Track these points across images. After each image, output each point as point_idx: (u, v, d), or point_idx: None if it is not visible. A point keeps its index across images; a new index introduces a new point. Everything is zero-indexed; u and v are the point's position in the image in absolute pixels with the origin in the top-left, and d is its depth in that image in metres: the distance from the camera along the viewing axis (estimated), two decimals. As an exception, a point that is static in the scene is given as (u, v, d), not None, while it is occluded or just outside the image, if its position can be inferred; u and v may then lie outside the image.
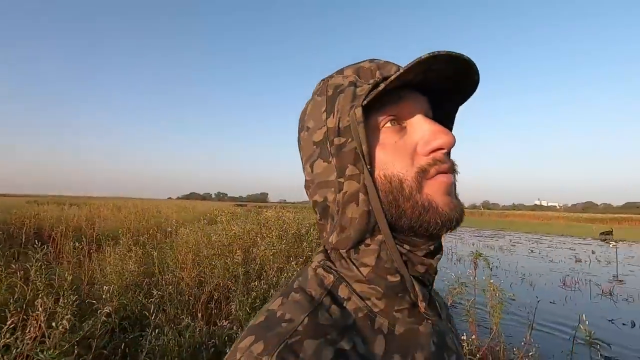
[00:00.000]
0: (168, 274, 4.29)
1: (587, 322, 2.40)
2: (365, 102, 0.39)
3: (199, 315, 3.63)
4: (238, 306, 3.58)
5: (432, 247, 0.42)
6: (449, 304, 3.93)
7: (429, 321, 0.43)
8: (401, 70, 0.36)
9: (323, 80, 0.46)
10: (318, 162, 0.43)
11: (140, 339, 2.89)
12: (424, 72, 0.38)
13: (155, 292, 3.58)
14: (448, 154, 0.40)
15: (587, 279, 8.57)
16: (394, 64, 0.43)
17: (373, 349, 0.38)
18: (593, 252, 14.02)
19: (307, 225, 6.26)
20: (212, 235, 5.17)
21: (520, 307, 5.52)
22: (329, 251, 0.45)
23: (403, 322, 0.42)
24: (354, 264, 0.42)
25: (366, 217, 0.40)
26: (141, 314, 3.52)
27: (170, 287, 3.86)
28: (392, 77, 0.37)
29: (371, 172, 0.39)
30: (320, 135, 0.43)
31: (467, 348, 2.62)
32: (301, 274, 0.46)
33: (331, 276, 0.43)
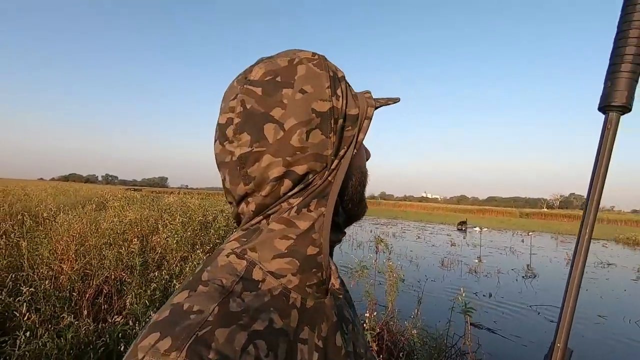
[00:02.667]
0: (43, 267, 3.65)
1: (464, 294, 2.88)
2: (377, 106, 0.47)
3: (85, 312, 3.19)
4: (134, 299, 3.26)
5: (344, 234, 0.51)
6: (353, 285, 4.27)
7: (332, 295, 0.47)
8: (392, 102, 0.49)
9: (315, 53, 0.45)
10: (316, 132, 0.41)
11: (4, 345, 2.42)
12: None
13: (25, 289, 3.01)
14: None
15: (459, 260, 10.19)
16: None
17: (289, 323, 0.40)
18: (464, 238, 16.69)
19: (215, 212, 5.99)
20: (102, 222, 4.56)
21: (409, 285, 6.29)
22: (262, 222, 0.44)
23: (312, 297, 0.44)
24: (267, 240, 0.42)
25: (325, 185, 0.43)
26: (4, 315, 2.95)
27: (46, 282, 3.29)
28: (391, 103, 0.49)
29: (352, 161, 0.46)
30: (324, 107, 0.42)
31: (368, 324, 2.88)
32: (209, 263, 0.43)
33: (244, 262, 0.42)
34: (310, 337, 0.42)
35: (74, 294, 3.50)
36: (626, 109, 0.45)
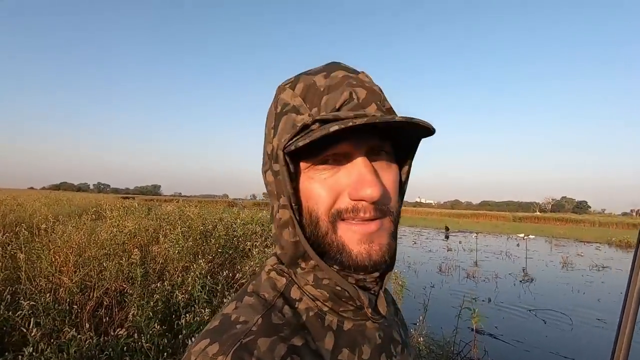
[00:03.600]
0: (41, 280, 3.58)
1: (467, 301, 2.89)
2: (285, 150, 0.39)
3: (86, 325, 3.13)
4: (137, 311, 3.21)
5: (366, 278, 0.44)
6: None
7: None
8: (324, 133, 0.35)
9: (279, 87, 0.46)
10: (269, 174, 0.44)
11: (5, 361, 2.37)
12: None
13: (24, 303, 2.95)
14: (377, 202, 0.40)
15: (457, 265, 10.23)
16: (346, 86, 0.41)
17: (323, 345, 0.41)
18: (460, 242, 16.74)
19: (214, 220, 5.95)
20: (100, 232, 4.49)
21: (410, 292, 6.28)
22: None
23: (351, 319, 0.45)
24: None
25: (294, 247, 0.43)
26: (2, 330, 2.89)
27: (47, 295, 3.23)
28: (316, 136, 0.36)
29: (298, 209, 0.42)
30: (269, 148, 0.44)
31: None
32: (254, 277, 0.47)
33: (284, 279, 0.45)
34: (349, 359, 0.42)
35: (74, 306, 3.43)
36: None
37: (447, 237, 21.50)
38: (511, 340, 4.70)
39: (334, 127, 0.34)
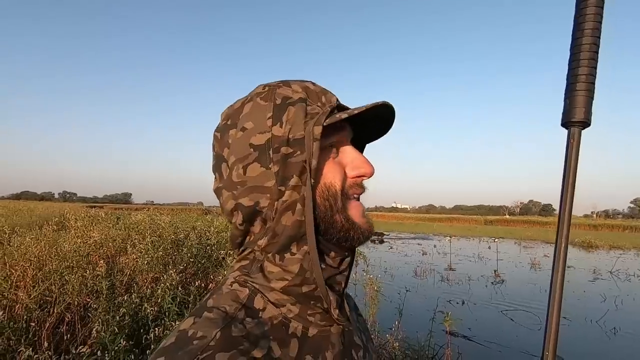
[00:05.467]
0: (-5, 296, 3.33)
1: (441, 305, 2.92)
2: (325, 123, 0.42)
3: (45, 343, 2.93)
4: (101, 327, 3.04)
5: (348, 257, 0.48)
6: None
7: (341, 321, 0.47)
8: (363, 109, 0.42)
9: (267, 85, 0.46)
10: (254, 165, 0.43)
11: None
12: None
13: (-26, 321, 2.73)
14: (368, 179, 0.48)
15: (432, 269, 10.42)
16: (330, 92, 0.48)
17: (288, 352, 0.41)
18: (435, 246, 17.11)
19: (187, 229, 5.77)
20: (63, 243, 4.25)
21: (386, 296, 6.32)
22: (254, 254, 0.47)
23: (316, 325, 0.45)
24: (267, 277, 0.44)
25: (297, 226, 0.42)
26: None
27: (0, 312, 3.01)
28: (355, 112, 0.42)
29: (314, 186, 0.43)
30: (261, 139, 0.43)
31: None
32: (215, 291, 0.46)
33: (246, 289, 0.45)
34: None
35: (31, 324, 3.21)
36: (586, 124, 0.50)
37: (381, 241, 20.81)
38: (484, 341, 4.81)
39: (362, 109, 0.42)
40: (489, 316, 6.10)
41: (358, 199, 0.47)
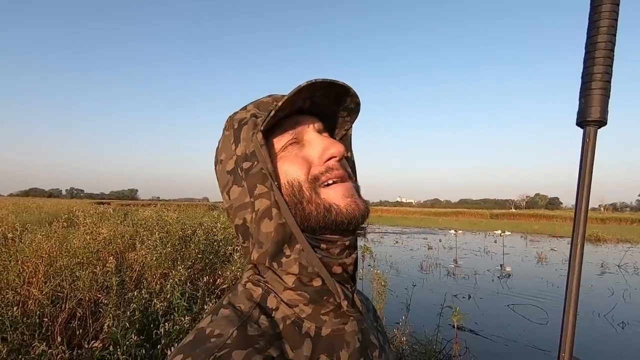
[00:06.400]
0: (8, 292, 3.39)
1: (447, 299, 2.94)
2: (262, 127, 0.44)
3: (58, 338, 2.99)
4: (112, 322, 3.09)
5: (347, 243, 0.47)
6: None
7: (354, 320, 0.47)
8: (287, 97, 0.42)
9: (230, 116, 0.50)
10: (233, 188, 0.47)
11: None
12: (310, 98, 0.46)
13: (-11, 317, 2.79)
14: (342, 165, 0.47)
15: (437, 263, 10.41)
16: (285, 95, 0.47)
17: (302, 353, 0.42)
18: (440, 241, 17.08)
19: (194, 225, 5.82)
20: (73, 240, 4.31)
21: (392, 291, 6.34)
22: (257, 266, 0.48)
23: (330, 324, 0.45)
24: (279, 275, 0.45)
25: (281, 230, 0.43)
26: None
27: (14, 307, 3.07)
28: (280, 104, 0.42)
29: (279, 187, 0.44)
30: (231, 164, 0.47)
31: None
32: (231, 291, 0.48)
33: (259, 289, 0.46)
34: None
35: (44, 319, 3.27)
36: (602, 122, 0.49)
37: (362, 234, 20.48)
38: (491, 335, 4.81)
39: (288, 96, 0.42)
40: (495, 310, 6.10)
41: (341, 182, 0.46)
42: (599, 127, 0.50)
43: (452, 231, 18.57)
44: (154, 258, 4.05)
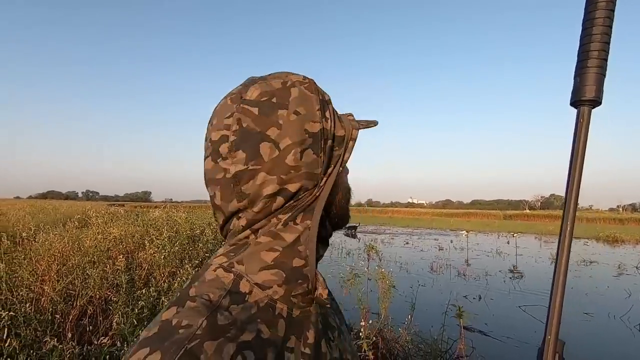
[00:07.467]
0: (22, 290, 3.49)
1: (456, 299, 2.91)
2: (360, 128, 0.50)
3: (68, 334, 3.07)
4: (121, 319, 3.15)
5: (329, 238, 0.54)
6: (345, 294, 4.24)
7: (316, 303, 0.48)
8: (372, 125, 0.51)
9: (306, 78, 0.48)
10: (308, 151, 0.44)
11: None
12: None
13: (4, 313, 2.87)
14: None
15: (448, 264, 10.28)
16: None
17: (276, 332, 0.42)
18: (451, 242, 16.87)
19: (202, 225, 5.89)
20: (85, 240, 4.41)
21: (400, 291, 6.29)
22: (250, 237, 0.45)
23: (298, 306, 0.46)
24: (255, 253, 0.44)
25: (313, 200, 0.45)
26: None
27: (27, 304, 3.16)
28: (372, 126, 0.51)
29: (340, 178, 0.49)
30: (315, 128, 0.44)
31: (362, 333, 2.87)
32: (197, 278, 0.44)
33: (231, 275, 0.43)
34: (296, 346, 0.43)
35: (56, 316, 3.36)
36: (597, 102, 0.48)
37: (353, 235, 18.79)
38: (501, 336, 4.73)
39: (371, 125, 0.51)
40: (506, 312, 5.99)
41: None
42: (593, 107, 0.48)
43: (464, 232, 18.36)
44: (162, 257, 4.12)
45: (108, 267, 3.91)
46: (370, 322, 3.14)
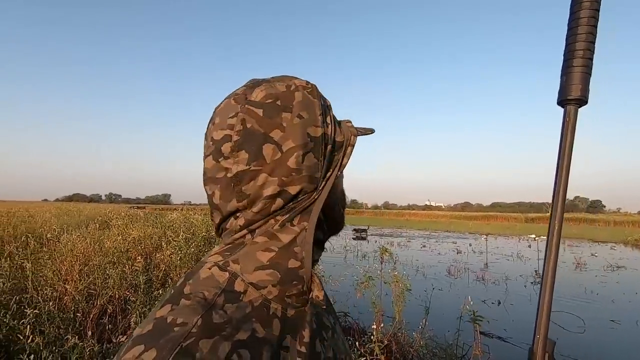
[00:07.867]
0: (47, 289, 3.63)
1: (472, 302, 2.85)
2: (359, 135, 0.51)
3: (89, 332, 3.16)
4: (139, 318, 3.23)
5: (325, 243, 0.55)
6: (359, 297, 4.21)
7: (312, 304, 0.48)
8: (369, 132, 0.53)
9: (309, 83, 0.48)
10: (310, 155, 0.44)
11: (9, 369, 2.39)
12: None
13: (29, 311, 2.99)
14: None
15: (466, 268, 10.07)
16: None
17: (271, 332, 0.41)
18: (470, 245, 16.51)
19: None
20: (105, 241, 4.56)
21: (416, 295, 6.20)
22: (247, 237, 0.46)
23: (293, 306, 0.46)
24: (251, 253, 0.44)
25: (311, 203, 0.46)
26: (8, 339, 2.92)
27: (50, 303, 3.28)
28: (369, 133, 0.53)
29: (337, 183, 0.51)
30: (317, 133, 0.45)
31: (375, 336, 2.84)
32: (191, 276, 0.44)
33: (226, 274, 0.43)
34: (292, 345, 0.43)
35: (78, 314, 3.47)
36: (583, 101, 0.48)
37: (363, 238, 18.41)
38: (520, 343, 4.58)
39: (368, 132, 0.53)
40: (526, 318, 5.80)
41: None
42: (580, 106, 0.49)
43: (483, 236, 17.94)
44: (179, 258, 4.21)
45: (127, 267, 4.02)
46: (382, 325, 3.11)
